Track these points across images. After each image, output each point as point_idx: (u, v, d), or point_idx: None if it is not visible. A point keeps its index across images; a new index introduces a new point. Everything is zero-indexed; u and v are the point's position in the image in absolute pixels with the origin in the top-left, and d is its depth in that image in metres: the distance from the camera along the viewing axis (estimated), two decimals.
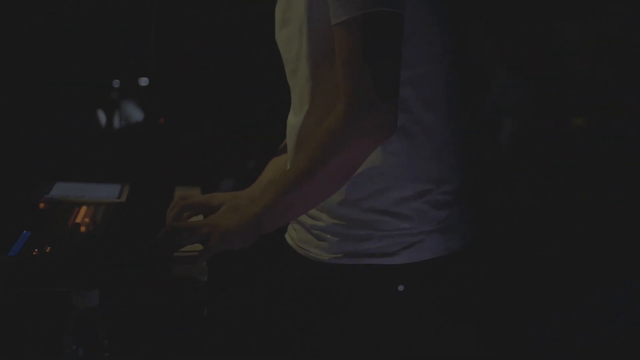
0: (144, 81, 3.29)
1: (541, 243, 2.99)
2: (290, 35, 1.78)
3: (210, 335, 1.69)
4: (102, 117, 3.27)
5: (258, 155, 2.14)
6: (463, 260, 1.76)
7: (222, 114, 3.38)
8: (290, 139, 1.84)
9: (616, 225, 2.94)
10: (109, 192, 2.27)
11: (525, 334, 2.76)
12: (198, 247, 1.73)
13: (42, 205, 2.11)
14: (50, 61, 2.81)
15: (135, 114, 3.27)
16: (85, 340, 1.39)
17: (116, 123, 3.26)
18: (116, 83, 3.30)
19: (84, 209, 2.08)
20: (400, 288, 1.71)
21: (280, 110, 1.92)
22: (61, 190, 2.26)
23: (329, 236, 1.76)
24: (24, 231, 1.85)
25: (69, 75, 2.93)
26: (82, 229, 1.92)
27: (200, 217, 2.11)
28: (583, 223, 3.00)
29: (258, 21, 2.02)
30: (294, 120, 1.82)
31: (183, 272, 1.68)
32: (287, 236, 1.93)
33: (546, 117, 3.27)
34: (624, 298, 2.79)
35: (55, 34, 2.84)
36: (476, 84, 3.25)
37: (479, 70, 3.25)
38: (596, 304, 2.80)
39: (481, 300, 1.78)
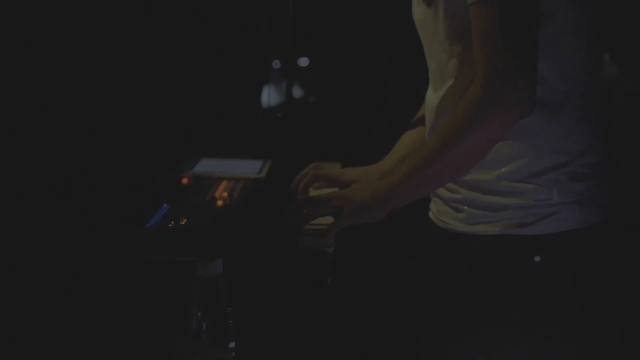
0: (303, 61, 3.34)
1: None
2: (426, 14, 1.78)
3: (334, 306, 1.69)
4: (258, 96, 3.33)
5: (397, 134, 2.13)
6: (600, 232, 1.70)
7: (366, 93, 3.38)
8: (428, 115, 1.84)
9: None
10: (250, 168, 2.31)
11: None
12: (328, 220, 1.74)
13: (184, 180, 2.18)
14: (215, 42, 2.89)
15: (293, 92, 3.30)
16: (209, 308, 1.42)
17: (273, 101, 3.32)
18: (276, 64, 3.36)
19: (224, 183, 2.13)
20: (537, 259, 1.68)
21: (421, 88, 1.90)
22: (205, 166, 2.32)
23: (466, 207, 1.77)
24: (164, 204, 1.92)
25: (230, 57, 3.00)
26: (219, 203, 1.96)
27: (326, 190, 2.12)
28: None
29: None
30: (433, 96, 1.83)
31: (310, 243, 1.69)
32: (429, 212, 1.92)
33: None
34: None
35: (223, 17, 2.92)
36: (626, 62, 3.10)
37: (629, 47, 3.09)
38: None
39: (616, 273, 1.70)
